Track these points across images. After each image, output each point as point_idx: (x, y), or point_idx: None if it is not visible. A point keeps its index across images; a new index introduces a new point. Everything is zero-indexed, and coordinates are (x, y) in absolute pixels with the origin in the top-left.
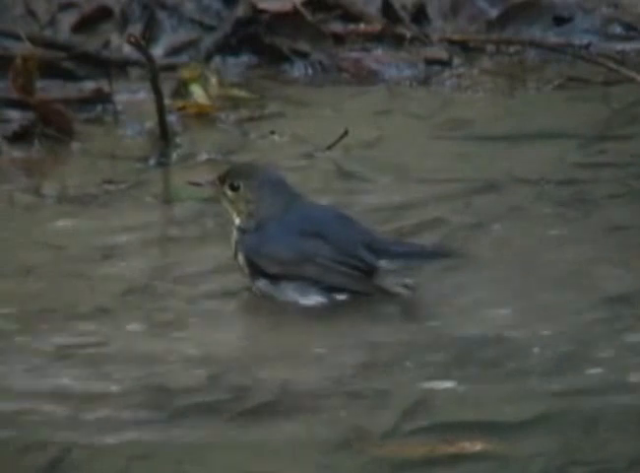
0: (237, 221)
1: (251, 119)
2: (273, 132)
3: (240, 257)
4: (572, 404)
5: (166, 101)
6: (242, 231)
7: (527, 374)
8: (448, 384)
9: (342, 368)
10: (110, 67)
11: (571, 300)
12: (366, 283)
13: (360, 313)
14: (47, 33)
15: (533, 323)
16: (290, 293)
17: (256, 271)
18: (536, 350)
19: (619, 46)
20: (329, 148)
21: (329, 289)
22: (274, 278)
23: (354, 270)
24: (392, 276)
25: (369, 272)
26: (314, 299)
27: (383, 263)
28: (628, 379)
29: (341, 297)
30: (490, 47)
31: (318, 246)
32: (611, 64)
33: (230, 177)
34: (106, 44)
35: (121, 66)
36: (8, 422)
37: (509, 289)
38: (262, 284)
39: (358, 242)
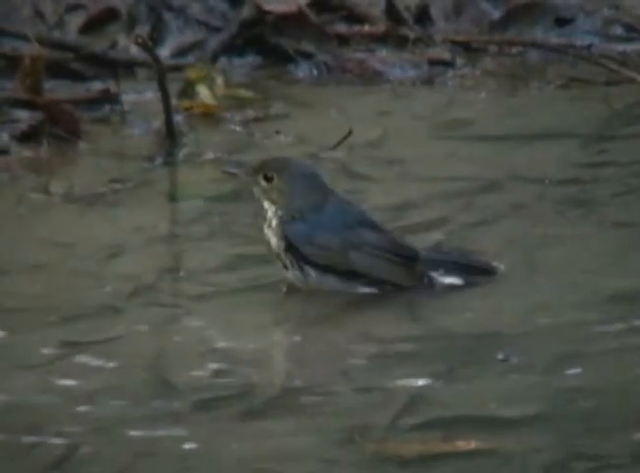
0: (273, 209)
1: (256, 119)
2: (278, 132)
3: (281, 245)
4: (572, 400)
5: (173, 102)
6: (284, 220)
7: (527, 371)
8: (448, 381)
9: (345, 364)
10: (117, 68)
11: (572, 297)
12: (410, 275)
13: (364, 310)
14: (55, 34)
15: (534, 320)
16: (337, 284)
17: (302, 261)
18: (536, 346)
19: (620, 47)
20: (333, 148)
21: (375, 282)
22: (322, 269)
23: (400, 258)
24: (432, 265)
25: (413, 259)
26: (364, 289)
27: (424, 252)
28: (628, 376)
29: (389, 288)
30: (493, 48)
31: (365, 236)
32: (612, 65)
33: (265, 168)
34: (113, 45)
35: (128, 67)
36: (15, 418)
37: (510, 286)
38: (311, 275)
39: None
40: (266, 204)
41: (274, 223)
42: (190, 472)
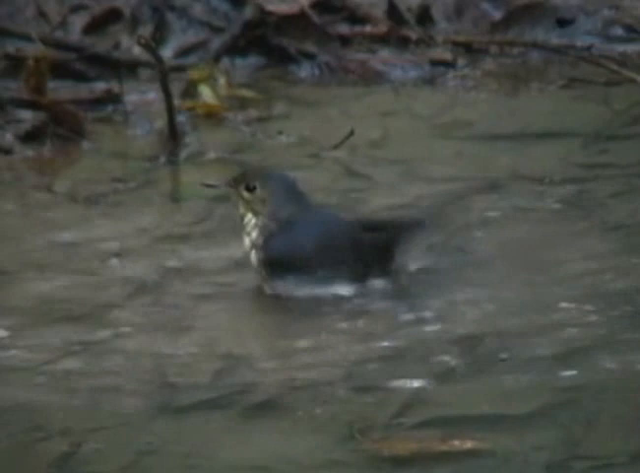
0: (254, 221)
1: (259, 119)
2: (280, 132)
3: (255, 258)
4: (572, 399)
5: (176, 102)
6: (264, 232)
7: (528, 370)
8: (448, 380)
9: (345, 364)
10: (120, 68)
11: (573, 297)
12: (390, 268)
13: (366, 310)
14: (59, 34)
15: (534, 319)
16: (316, 291)
17: (279, 271)
18: (537, 345)
19: (621, 48)
20: (335, 147)
21: (354, 284)
22: (297, 278)
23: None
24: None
25: (391, 253)
26: (338, 292)
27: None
28: (629, 375)
29: (375, 284)
30: (494, 49)
31: (345, 248)
32: (613, 65)
33: (246, 179)
34: (117, 46)
35: (131, 67)
36: (17, 417)
37: (511, 286)
38: (285, 284)
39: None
40: (249, 216)
41: (254, 235)
42: (191, 471)
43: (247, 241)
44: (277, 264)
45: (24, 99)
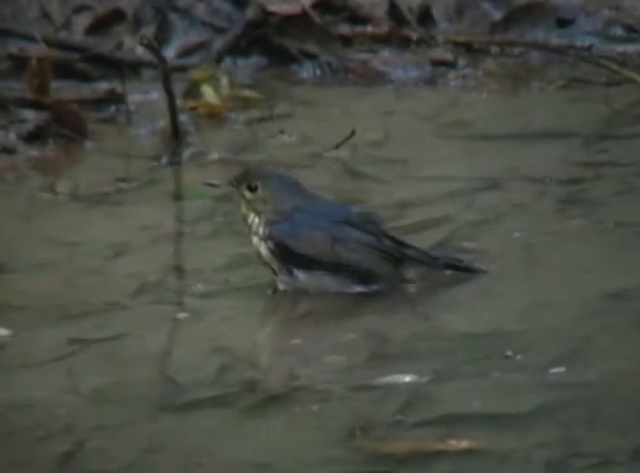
0: (257, 220)
1: (261, 119)
2: (282, 132)
3: (266, 250)
4: (573, 398)
5: (178, 102)
6: (269, 223)
7: (528, 368)
8: (449, 378)
9: (347, 362)
10: (123, 68)
11: (573, 295)
12: (394, 272)
13: (366, 308)
14: (62, 34)
15: (535, 318)
16: (327, 283)
17: (289, 261)
18: (537, 344)
19: (621, 48)
20: (337, 147)
21: (365, 278)
22: (308, 267)
23: (386, 255)
24: (416, 265)
25: (399, 259)
26: (351, 288)
27: (410, 252)
28: (628, 373)
29: (375, 286)
30: (494, 49)
31: (349, 232)
32: (613, 65)
33: (248, 178)
34: (120, 46)
35: (134, 67)
36: (23, 414)
37: (512, 284)
38: (297, 275)
39: (382, 232)
40: (251, 216)
41: (260, 230)
42: (194, 468)
43: (255, 239)
44: (286, 247)
45: (27, 99)
